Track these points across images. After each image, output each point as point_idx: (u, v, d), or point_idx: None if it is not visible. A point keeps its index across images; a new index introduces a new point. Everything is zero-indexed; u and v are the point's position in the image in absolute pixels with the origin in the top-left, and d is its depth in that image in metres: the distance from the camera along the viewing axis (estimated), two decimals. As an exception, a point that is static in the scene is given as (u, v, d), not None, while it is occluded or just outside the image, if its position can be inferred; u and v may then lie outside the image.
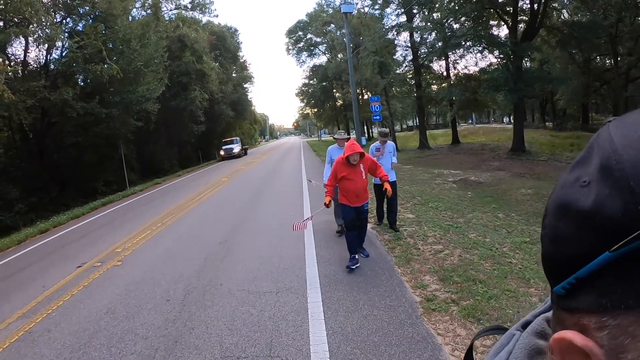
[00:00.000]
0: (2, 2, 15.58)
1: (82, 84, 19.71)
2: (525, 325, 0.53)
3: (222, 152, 37.44)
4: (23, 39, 17.88)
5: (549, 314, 0.48)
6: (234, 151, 37.31)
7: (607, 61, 33.68)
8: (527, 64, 41.84)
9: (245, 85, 59.55)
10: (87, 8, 18.74)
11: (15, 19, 16.35)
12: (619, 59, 29.72)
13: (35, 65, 19.45)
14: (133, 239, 9.16)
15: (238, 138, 41.62)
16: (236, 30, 57.20)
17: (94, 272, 6.88)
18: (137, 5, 27.79)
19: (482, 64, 28.72)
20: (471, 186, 15.26)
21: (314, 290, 4.97)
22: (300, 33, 54.74)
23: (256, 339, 3.94)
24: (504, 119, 70.22)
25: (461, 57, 29.62)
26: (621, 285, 0.33)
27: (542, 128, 44.27)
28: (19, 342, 4.68)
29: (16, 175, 20.07)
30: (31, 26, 17.28)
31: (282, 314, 4.45)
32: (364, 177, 5.57)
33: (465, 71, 30.30)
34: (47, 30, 17.05)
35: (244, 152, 41.44)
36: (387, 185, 5.80)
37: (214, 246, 7.67)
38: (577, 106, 39.59)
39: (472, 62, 40.65)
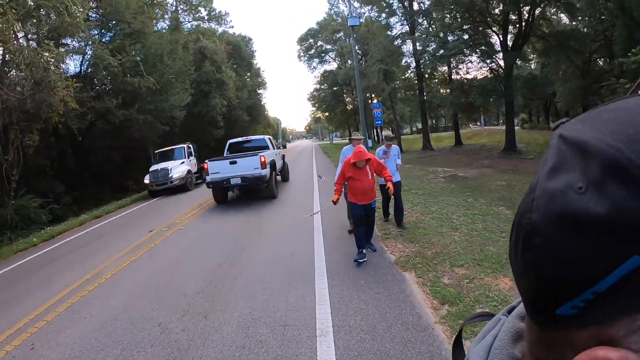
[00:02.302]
0: (52, 24, 18.17)
1: (113, 93, 22.46)
2: (510, 311, 0.53)
3: (146, 180, 19.55)
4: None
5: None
6: (171, 177, 18.76)
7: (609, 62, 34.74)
8: (531, 66, 43.84)
9: (259, 91, 61.99)
10: (125, 27, 21.54)
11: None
12: (617, 61, 31.11)
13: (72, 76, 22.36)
14: (183, 216, 11.89)
15: (189, 145, 21.57)
16: (250, 39, 59.70)
17: (165, 233, 9.64)
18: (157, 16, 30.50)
19: (481, 70, 30.99)
20: (457, 180, 17.68)
21: (318, 233, 7.64)
22: (311, 40, 56.93)
23: (283, 248, 6.64)
24: (515, 121, 71.78)
25: (460, 62, 31.78)
26: None
27: (546, 129, 45.74)
28: (134, 263, 7.37)
29: (59, 172, 23.03)
30: (78, 45, 20.26)
31: (298, 241, 7.13)
32: (370, 178, 5.99)
33: (468, 76, 32.44)
34: (91, 49, 19.95)
35: (191, 181, 20.14)
36: (389, 185, 6.27)
37: (250, 217, 10.42)
38: (580, 107, 40.97)
39: (472, 67, 42.67)
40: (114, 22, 22.03)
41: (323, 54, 57.42)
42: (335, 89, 55.36)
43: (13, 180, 14.09)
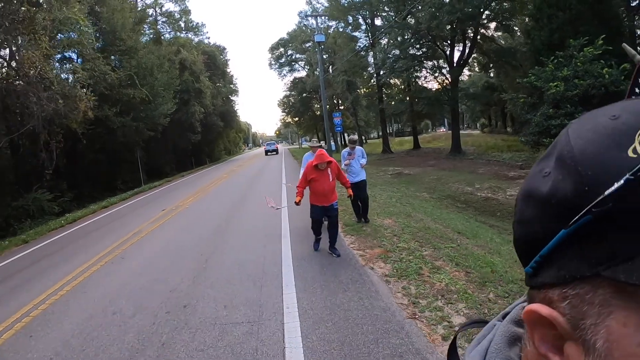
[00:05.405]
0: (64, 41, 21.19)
1: (111, 102, 25.55)
2: (505, 316, 0.57)
3: None
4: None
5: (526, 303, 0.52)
6: None
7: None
8: (490, 74, 47.67)
9: (231, 98, 65.30)
10: (120, 45, 24.88)
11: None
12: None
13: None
14: (184, 200, 15.47)
15: None
16: (224, 49, 62.76)
17: (176, 210, 13.22)
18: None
19: (435, 81, 34.69)
20: (400, 176, 21.55)
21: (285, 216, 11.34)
22: (281, 49, 59.72)
23: (258, 221, 10.33)
24: (477, 125, 76.51)
25: (415, 73, 35.11)
26: (576, 257, 0.37)
27: (502, 133, 48.10)
28: (162, 226, 10.90)
29: (59, 172, 26.06)
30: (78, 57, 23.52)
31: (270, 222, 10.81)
32: (330, 180, 6.31)
33: (425, 86, 35.37)
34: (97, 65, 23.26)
35: None
36: (349, 192, 7.05)
37: (234, 201, 14.05)
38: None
39: (428, 78, 46.54)
40: (104, 36, 25.25)
41: (293, 63, 60.21)
42: (304, 95, 58.15)
43: (47, 173, 17.27)
